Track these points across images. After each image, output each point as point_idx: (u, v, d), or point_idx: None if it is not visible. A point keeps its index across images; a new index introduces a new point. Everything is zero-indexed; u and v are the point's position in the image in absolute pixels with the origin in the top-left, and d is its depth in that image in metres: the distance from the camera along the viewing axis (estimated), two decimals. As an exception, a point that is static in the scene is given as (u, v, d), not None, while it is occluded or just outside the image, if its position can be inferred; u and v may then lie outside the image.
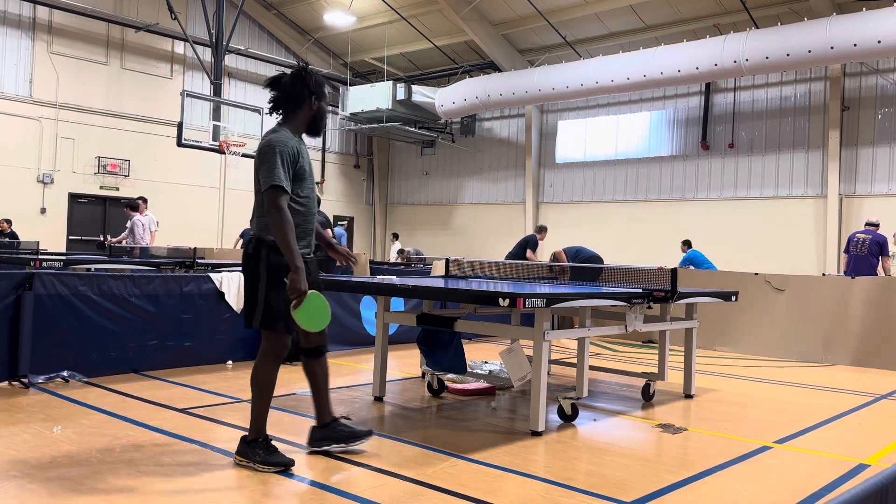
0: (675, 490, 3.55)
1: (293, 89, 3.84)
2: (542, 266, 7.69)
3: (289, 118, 3.88)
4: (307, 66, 3.93)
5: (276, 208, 3.60)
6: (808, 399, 6.16)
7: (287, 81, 3.85)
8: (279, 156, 3.66)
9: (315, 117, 3.93)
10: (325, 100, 3.97)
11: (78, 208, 17.96)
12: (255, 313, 3.74)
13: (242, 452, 3.75)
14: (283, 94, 3.85)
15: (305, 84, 3.85)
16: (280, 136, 3.74)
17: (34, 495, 3.16)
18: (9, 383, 5.42)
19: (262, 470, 3.64)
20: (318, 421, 4.02)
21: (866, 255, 10.59)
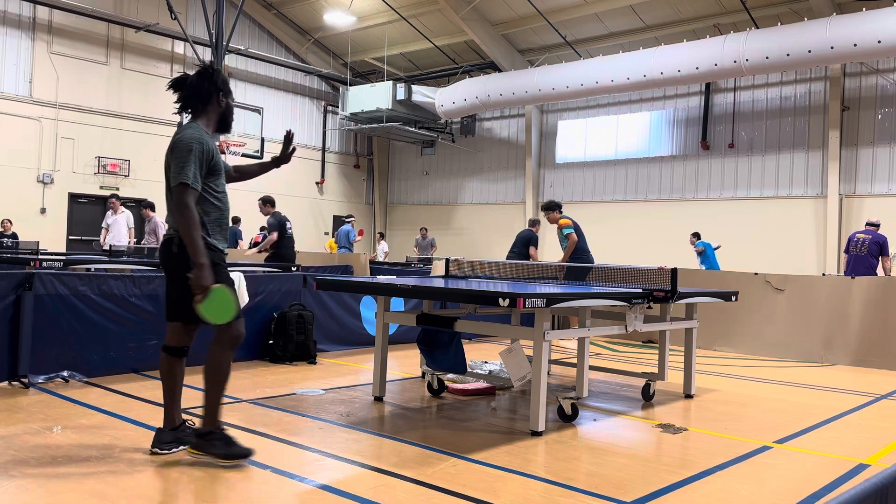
0: (675, 490, 3.55)
1: (200, 87, 3.90)
2: (545, 266, 7.69)
3: (198, 116, 3.92)
4: (212, 64, 4.04)
5: (185, 205, 3.63)
6: (808, 399, 6.16)
7: (194, 80, 3.91)
8: (192, 153, 3.69)
9: (224, 114, 4.02)
10: (232, 97, 4.07)
11: (78, 208, 17.96)
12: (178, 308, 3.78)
13: (199, 446, 3.73)
14: (190, 92, 3.90)
15: (212, 82, 3.92)
16: (194, 133, 3.76)
17: (34, 495, 3.16)
18: (9, 383, 5.42)
19: (222, 463, 3.65)
20: (169, 423, 3.91)
21: (866, 255, 10.59)
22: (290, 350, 6.98)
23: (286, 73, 22.47)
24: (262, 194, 21.96)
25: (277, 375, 6.31)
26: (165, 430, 3.91)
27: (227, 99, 4.02)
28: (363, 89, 21.04)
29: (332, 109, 23.47)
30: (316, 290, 6.89)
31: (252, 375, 6.25)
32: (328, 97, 23.65)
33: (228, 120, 4.07)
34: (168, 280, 3.85)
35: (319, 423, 4.62)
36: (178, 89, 3.93)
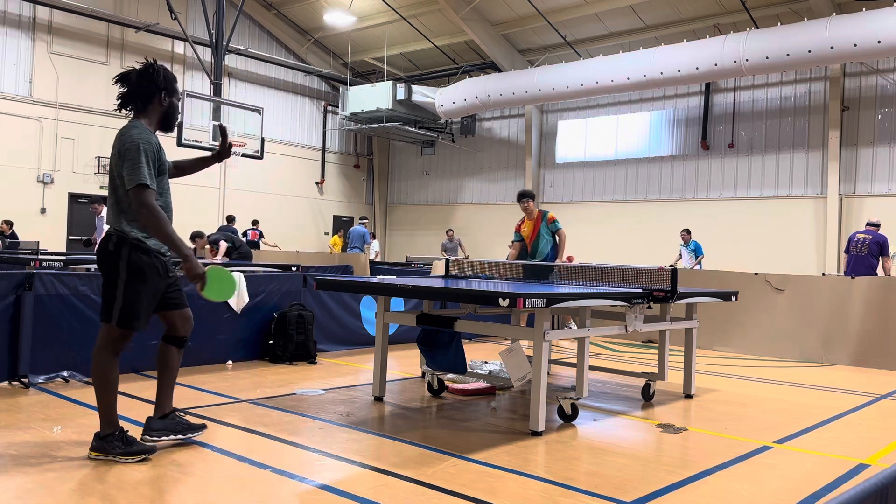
0: (675, 490, 3.55)
1: (140, 85, 3.83)
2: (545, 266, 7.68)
3: (140, 114, 3.86)
4: (155, 62, 3.95)
5: (147, 206, 3.63)
6: (808, 399, 6.16)
7: (134, 77, 3.84)
8: (143, 153, 3.65)
9: (166, 113, 3.94)
10: (177, 96, 3.99)
11: (78, 208, 17.96)
12: (112, 310, 3.74)
13: (99, 448, 3.70)
14: (132, 89, 3.84)
15: (153, 80, 3.84)
16: (142, 133, 3.72)
17: (34, 495, 3.16)
18: (9, 383, 5.42)
19: (125, 461, 3.65)
20: (159, 411, 3.98)
21: (866, 255, 10.59)
22: (290, 350, 6.98)
23: (286, 73, 22.47)
24: (258, 194, 22.00)
25: (277, 375, 6.31)
26: (155, 417, 3.96)
27: (170, 98, 3.93)
28: (363, 89, 21.04)
29: (332, 109, 23.47)
30: (316, 290, 6.89)
31: (252, 375, 6.25)
32: (328, 97, 23.66)
33: (171, 119, 3.97)
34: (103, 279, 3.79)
35: (319, 423, 4.62)
36: (122, 84, 3.87)
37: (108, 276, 3.76)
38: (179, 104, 4.12)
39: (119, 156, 3.69)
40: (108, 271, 3.75)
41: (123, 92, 3.86)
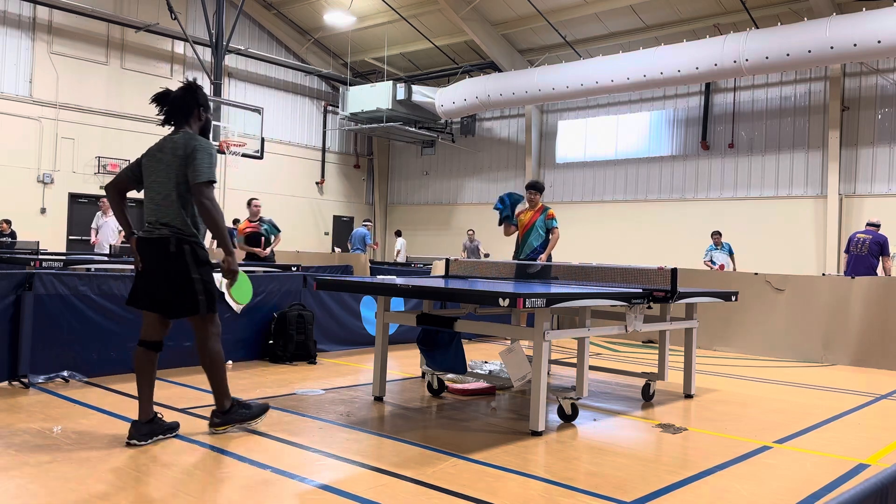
0: (675, 490, 3.55)
1: (184, 102, 4.27)
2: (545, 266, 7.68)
3: (181, 126, 4.26)
4: (195, 81, 4.43)
5: (211, 199, 4.05)
6: (808, 399, 6.16)
7: (178, 95, 4.27)
8: (210, 155, 4.11)
9: (204, 126, 4.38)
10: (211, 111, 4.45)
11: (78, 208, 17.96)
12: (198, 303, 4.09)
13: (225, 422, 4.21)
14: (174, 106, 4.27)
15: (195, 97, 4.29)
16: (205, 141, 4.18)
17: (34, 495, 3.16)
18: (9, 383, 5.42)
19: (253, 425, 4.30)
20: (144, 416, 4.09)
21: (866, 255, 10.58)
22: (290, 350, 6.98)
23: (286, 73, 22.47)
24: (258, 194, 21.96)
25: (277, 375, 6.31)
26: (141, 422, 4.07)
27: (206, 113, 4.36)
28: (363, 89, 21.04)
29: (332, 109, 23.47)
30: (316, 290, 6.89)
31: (252, 375, 6.25)
32: (328, 97, 23.66)
33: (207, 132, 4.39)
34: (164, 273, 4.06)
35: (319, 423, 4.62)
36: (160, 103, 4.29)
37: (178, 275, 4.06)
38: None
39: (185, 158, 4.06)
40: (178, 270, 4.06)
41: (166, 109, 4.26)
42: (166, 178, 4.09)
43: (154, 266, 4.09)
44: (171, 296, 4.06)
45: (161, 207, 4.09)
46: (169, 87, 4.36)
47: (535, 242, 8.45)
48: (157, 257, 4.07)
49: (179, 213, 4.06)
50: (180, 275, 4.05)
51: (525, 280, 6.59)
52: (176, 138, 4.15)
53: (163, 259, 4.05)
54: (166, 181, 4.09)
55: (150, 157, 4.24)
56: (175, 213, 4.06)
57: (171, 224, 4.05)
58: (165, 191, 4.09)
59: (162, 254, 4.04)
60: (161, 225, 4.06)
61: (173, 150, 4.11)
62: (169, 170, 4.09)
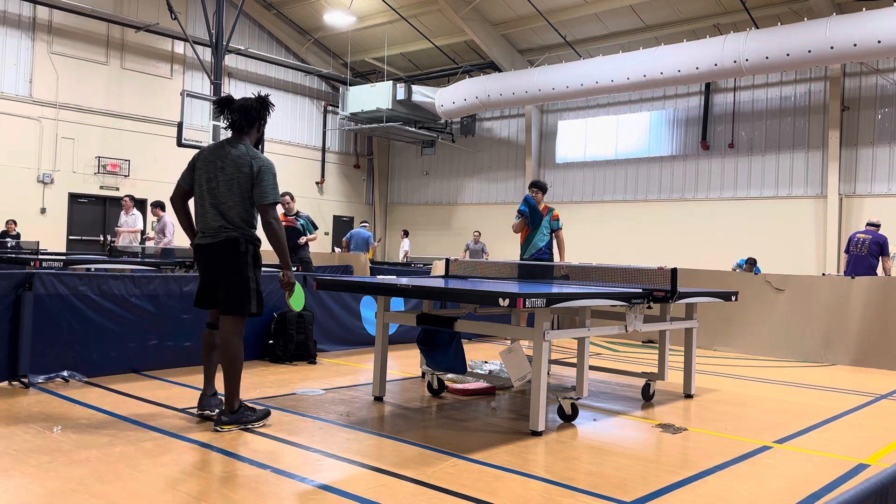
0: (675, 490, 3.55)
1: (257, 113, 4.57)
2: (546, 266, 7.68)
3: (243, 136, 4.55)
4: (267, 97, 4.68)
5: (277, 219, 4.41)
6: (808, 399, 6.16)
7: (252, 105, 4.54)
8: (275, 176, 4.44)
9: (259, 137, 4.71)
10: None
11: (78, 208, 17.96)
12: (251, 302, 4.42)
13: (232, 421, 4.34)
14: (245, 114, 4.53)
15: (267, 111, 4.63)
16: (268, 160, 4.47)
17: (34, 495, 3.16)
18: (9, 383, 5.42)
19: (258, 427, 4.39)
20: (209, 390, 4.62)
21: (866, 255, 10.57)
22: (290, 350, 6.98)
23: (286, 73, 22.47)
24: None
25: (277, 375, 6.31)
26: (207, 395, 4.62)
27: (263, 128, 4.71)
28: (363, 89, 21.04)
29: (332, 109, 23.47)
30: (316, 290, 6.89)
31: (252, 375, 6.25)
32: (328, 97, 23.66)
33: (259, 144, 4.75)
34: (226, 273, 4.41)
35: (319, 423, 4.62)
36: (222, 108, 4.56)
37: (238, 273, 4.41)
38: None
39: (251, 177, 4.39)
40: (239, 269, 4.41)
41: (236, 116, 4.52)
42: (228, 189, 4.40)
43: (215, 267, 4.44)
44: (228, 292, 4.40)
45: (226, 215, 4.40)
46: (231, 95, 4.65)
47: (541, 243, 8.50)
48: (223, 257, 4.40)
49: (244, 221, 4.42)
50: (238, 273, 4.39)
51: (527, 280, 6.58)
52: (238, 153, 4.42)
53: (228, 258, 4.39)
54: (230, 193, 4.40)
55: (209, 164, 4.47)
56: (240, 221, 4.41)
57: (237, 227, 4.40)
58: (230, 202, 4.40)
59: (229, 253, 4.39)
60: (228, 228, 4.39)
61: (237, 164, 4.40)
62: (232, 182, 4.40)
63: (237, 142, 4.49)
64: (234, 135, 4.54)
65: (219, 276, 4.44)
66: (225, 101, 4.56)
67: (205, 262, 4.49)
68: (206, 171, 4.46)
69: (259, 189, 4.37)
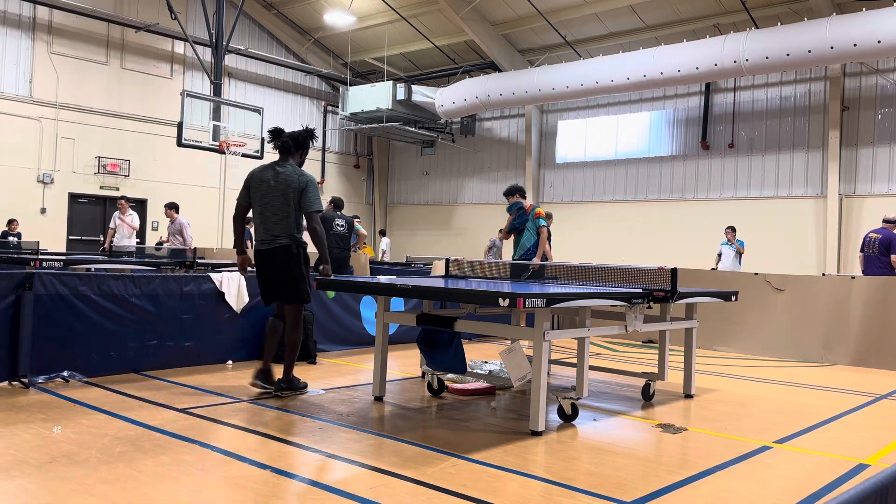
0: (675, 490, 3.55)
1: (304, 141, 5.60)
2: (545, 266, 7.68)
3: (289, 157, 5.52)
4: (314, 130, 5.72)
5: (320, 224, 5.39)
6: (808, 399, 6.16)
7: (301, 136, 5.58)
8: (317, 188, 5.42)
9: (302, 162, 5.65)
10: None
11: (78, 208, 17.96)
12: (303, 293, 5.44)
13: (287, 388, 5.42)
14: (295, 142, 5.54)
15: (313, 140, 5.67)
16: (311, 176, 5.44)
17: (34, 495, 3.16)
18: (9, 383, 5.42)
19: (304, 393, 5.51)
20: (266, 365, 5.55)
21: (877, 255, 10.50)
22: (290, 350, 6.98)
23: (286, 73, 22.47)
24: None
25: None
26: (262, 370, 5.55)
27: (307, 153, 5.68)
28: (363, 89, 21.03)
29: (332, 109, 23.47)
30: (316, 290, 6.88)
31: (252, 375, 6.24)
32: (328, 97, 23.66)
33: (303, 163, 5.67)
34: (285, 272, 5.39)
35: (319, 423, 4.62)
36: (274, 137, 5.51)
37: (293, 270, 5.38)
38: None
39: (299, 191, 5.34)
40: (294, 267, 5.38)
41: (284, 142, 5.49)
42: (282, 203, 5.33)
43: (275, 267, 5.37)
44: (288, 287, 5.39)
45: (279, 225, 5.35)
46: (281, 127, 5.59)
47: (528, 243, 8.61)
48: (281, 260, 5.35)
49: (294, 229, 5.37)
50: (293, 272, 5.36)
51: (524, 280, 6.58)
52: (287, 172, 5.37)
53: (285, 260, 5.34)
54: (283, 206, 5.33)
55: (262, 182, 5.40)
56: (292, 229, 5.36)
57: (291, 235, 5.35)
58: (283, 213, 5.33)
59: (286, 257, 5.34)
60: (281, 235, 5.33)
61: (287, 182, 5.34)
62: (285, 197, 5.33)
63: (285, 162, 5.44)
64: (282, 156, 5.48)
65: (278, 275, 5.38)
66: (278, 131, 5.52)
67: (264, 265, 5.41)
68: (259, 189, 5.40)
69: (306, 199, 5.33)
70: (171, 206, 12.93)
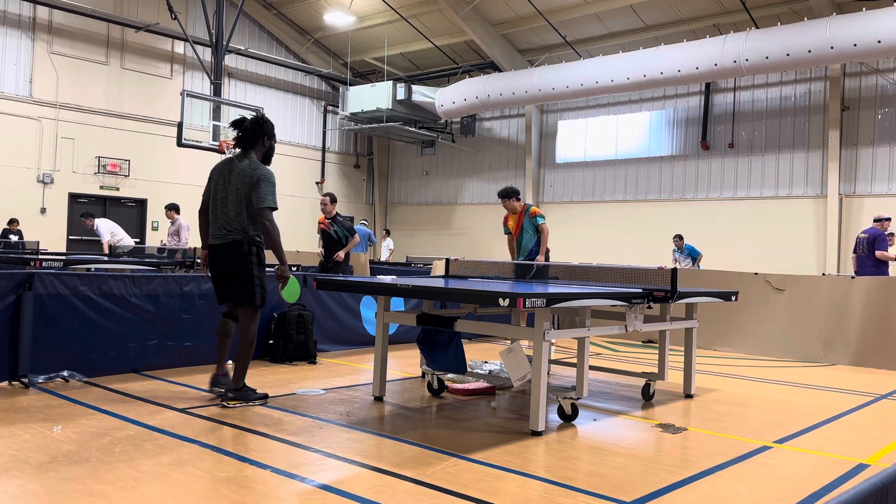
0: (675, 490, 3.55)
1: (252, 132, 5.19)
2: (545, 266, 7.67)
3: (248, 151, 5.19)
4: (262, 114, 5.32)
5: (271, 221, 5.03)
6: (808, 399, 6.16)
7: (248, 125, 5.18)
8: (271, 184, 5.06)
9: (267, 152, 5.32)
10: (275, 140, 5.36)
11: (78, 208, 17.95)
12: (255, 295, 5.08)
13: (238, 397, 4.99)
14: (245, 134, 5.18)
15: (262, 129, 5.22)
16: (267, 170, 5.12)
17: (34, 495, 3.16)
18: (9, 383, 5.42)
19: (258, 405, 5.01)
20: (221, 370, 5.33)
21: (866, 255, 10.55)
22: (290, 350, 6.98)
23: (286, 73, 22.47)
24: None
25: (277, 375, 6.31)
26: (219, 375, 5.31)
27: (270, 141, 5.31)
28: (363, 89, 21.03)
29: (332, 109, 23.47)
30: (316, 290, 6.89)
31: (252, 375, 6.25)
32: (328, 97, 23.66)
33: (269, 157, 5.34)
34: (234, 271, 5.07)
35: (319, 423, 4.62)
36: (236, 127, 5.22)
37: (244, 271, 5.06)
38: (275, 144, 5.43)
39: (253, 182, 5.02)
40: (245, 267, 5.07)
41: (239, 135, 5.17)
42: (237, 199, 5.05)
43: (226, 265, 5.08)
44: (238, 287, 5.07)
45: (233, 221, 5.07)
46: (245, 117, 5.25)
47: (529, 244, 8.60)
48: (230, 257, 5.05)
49: (248, 225, 5.07)
50: (245, 271, 5.05)
51: (526, 280, 6.58)
52: (243, 166, 5.09)
53: (234, 258, 5.04)
54: (236, 202, 5.05)
55: (221, 177, 5.17)
56: (245, 226, 5.06)
57: (243, 232, 5.05)
58: (237, 209, 5.05)
59: (235, 253, 5.04)
60: (233, 231, 5.05)
61: (241, 176, 5.06)
62: (239, 193, 5.05)
63: (244, 157, 5.16)
64: (242, 151, 5.20)
65: (228, 273, 5.10)
66: (237, 122, 5.23)
67: (215, 262, 5.16)
68: (219, 184, 5.17)
69: (256, 194, 4.99)
70: (171, 207, 12.92)
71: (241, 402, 4.98)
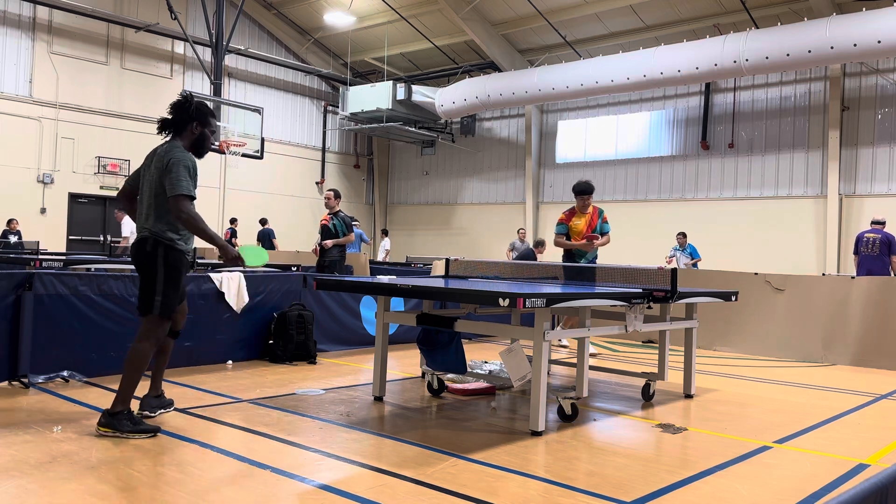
0: (675, 490, 3.55)
1: (178, 115, 4.42)
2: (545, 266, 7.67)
3: (176, 137, 4.44)
4: (190, 95, 4.52)
5: (186, 211, 4.21)
6: (808, 399, 6.16)
7: (171, 108, 4.44)
8: (185, 169, 4.25)
9: (197, 139, 4.49)
10: (210, 127, 4.52)
11: (78, 208, 17.96)
12: (153, 303, 4.26)
13: (108, 424, 4.12)
14: (167, 119, 4.44)
15: (187, 112, 4.41)
16: (183, 154, 4.32)
17: (34, 495, 3.16)
18: (9, 383, 5.42)
19: (132, 438, 4.07)
20: (155, 390, 4.66)
21: (879, 254, 10.49)
22: (290, 350, 6.98)
23: (286, 73, 22.48)
24: (258, 194, 21.82)
25: (277, 375, 6.31)
26: (150, 396, 4.61)
27: (202, 128, 4.47)
28: (363, 89, 21.04)
29: (332, 109, 23.47)
30: (316, 290, 6.89)
31: (252, 375, 6.25)
32: (328, 97, 23.66)
33: (200, 146, 4.52)
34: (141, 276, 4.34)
35: (319, 423, 4.62)
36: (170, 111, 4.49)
37: (147, 274, 4.30)
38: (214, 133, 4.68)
39: (164, 170, 4.25)
40: (148, 269, 4.30)
41: (163, 118, 4.43)
42: (149, 187, 4.35)
43: (136, 265, 4.38)
44: (140, 292, 4.34)
45: (144, 214, 4.37)
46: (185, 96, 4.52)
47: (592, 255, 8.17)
48: (137, 256, 4.35)
49: (157, 221, 4.30)
50: (146, 274, 4.31)
51: (524, 280, 6.58)
52: (159, 150, 4.37)
53: (139, 259, 4.33)
54: (150, 190, 4.35)
55: (145, 167, 4.47)
56: (154, 219, 4.30)
57: (151, 228, 4.29)
58: (149, 200, 4.34)
59: (141, 253, 4.31)
60: (144, 228, 4.33)
61: (157, 161, 4.34)
62: (152, 179, 4.33)
63: (169, 143, 4.42)
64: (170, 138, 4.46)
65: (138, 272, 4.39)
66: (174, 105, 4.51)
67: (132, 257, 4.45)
68: (143, 174, 4.49)
69: (168, 181, 4.20)
70: None
71: (112, 431, 4.10)
